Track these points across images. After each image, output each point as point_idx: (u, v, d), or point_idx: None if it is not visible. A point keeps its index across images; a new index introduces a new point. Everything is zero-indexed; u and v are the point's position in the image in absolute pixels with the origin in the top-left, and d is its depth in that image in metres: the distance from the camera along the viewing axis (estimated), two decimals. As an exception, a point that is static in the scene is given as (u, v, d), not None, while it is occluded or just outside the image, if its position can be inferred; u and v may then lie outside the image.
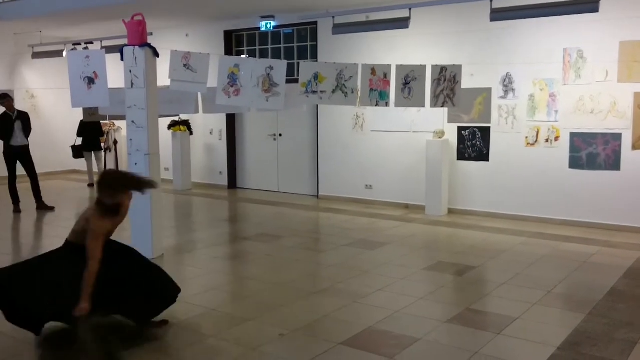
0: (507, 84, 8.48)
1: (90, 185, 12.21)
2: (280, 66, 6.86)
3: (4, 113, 9.33)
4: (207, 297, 5.32)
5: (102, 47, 9.87)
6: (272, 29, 10.73)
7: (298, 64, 7.76)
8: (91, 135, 12.04)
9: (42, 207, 9.64)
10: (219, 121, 11.75)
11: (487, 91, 8.62)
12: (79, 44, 11.73)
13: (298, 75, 7.14)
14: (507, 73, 8.46)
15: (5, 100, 9.28)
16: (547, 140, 8.23)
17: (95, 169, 12.14)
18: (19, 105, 10.90)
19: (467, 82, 8.14)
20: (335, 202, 10.14)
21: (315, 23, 10.22)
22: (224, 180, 11.94)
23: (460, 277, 5.92)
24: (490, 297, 5.33)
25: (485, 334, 4.44)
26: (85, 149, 12.13)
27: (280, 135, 11.28)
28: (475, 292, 5.50)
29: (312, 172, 10.86)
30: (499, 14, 7.32)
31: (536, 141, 8.33)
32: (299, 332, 4.47)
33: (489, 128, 8.69)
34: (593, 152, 7.92)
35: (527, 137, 8.38)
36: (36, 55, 12.39)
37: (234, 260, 6.81)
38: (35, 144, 10.07)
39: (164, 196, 7.64)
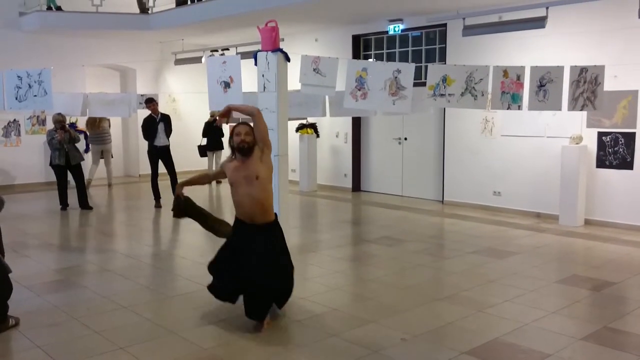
0: (657, 86, 7.78)
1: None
2: (408, 69, 6.82)
3: (149, 116, 10.08)
4: (329, 296, 5.40)
5: (237, 53, 10.37)
6: (400, 32, 10.68)
7: (426, 67, 7.65)
8: (215, 135, 12.69)
9: (180, 204, 10.29)
10: (344, 124, 11.90)
11: (633, 94, 7.96)
12: (217, 51, 12.42)
13: (425, 79, 7.05)
14: (657, 74, 7.76)
15: (151, 104, 10.03)
16: (703, 148, 7.46)
17: (213, 166, 12.79)
18: (162, 108, 11.70)
19: (610, 84, 7.61)
20: (461, 208, 9.87)
21: (445, 25, 10.03)
22: (348, 183, 12.07)
23: (598, 293, 5.51)
24: (632, 317, 4.91)
25: (625, 355, 4.09)
26: (209, 149, 12.83)
27: (406, 139, 11.20)
28: (615, 310, 5.09)
29: (437, 177, 10.66)
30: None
31: (690, 148, 7.56)
32: (421, 338, 4.39)
33: (634, 134, 8.02)
34: None
35: (679, 144, 7.65)
36: (178, 62, 13.29)
37: (357, 262, 6.85)
38: (175, 145, 10.78)
39: (290, 197, 7.86)
